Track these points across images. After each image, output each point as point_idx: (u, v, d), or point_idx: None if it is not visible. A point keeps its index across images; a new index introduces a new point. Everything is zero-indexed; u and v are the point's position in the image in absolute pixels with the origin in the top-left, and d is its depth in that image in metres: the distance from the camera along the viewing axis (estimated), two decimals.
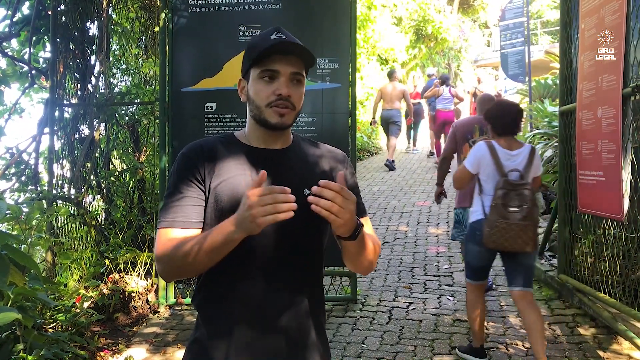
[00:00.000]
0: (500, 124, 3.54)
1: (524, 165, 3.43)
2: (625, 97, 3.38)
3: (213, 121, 4.63)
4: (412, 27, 19.56)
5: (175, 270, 1.45)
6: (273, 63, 1.48)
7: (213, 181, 1.48)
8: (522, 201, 3.33)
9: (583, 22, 3.97)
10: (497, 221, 3.34)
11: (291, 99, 1.49)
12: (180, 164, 1.52)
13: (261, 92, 1.49)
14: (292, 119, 1.52)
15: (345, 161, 1.65)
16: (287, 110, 1.49)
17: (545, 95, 11.22)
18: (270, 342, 1.46)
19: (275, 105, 1.48)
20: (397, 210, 8.38)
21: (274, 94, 1.48)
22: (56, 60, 5.16)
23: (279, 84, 1.48)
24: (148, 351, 4.00)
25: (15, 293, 2.60)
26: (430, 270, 5.64)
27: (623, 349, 3.70)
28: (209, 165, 1.50)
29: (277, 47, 1.47)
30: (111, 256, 4.80)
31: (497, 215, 3.35)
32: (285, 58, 1.49)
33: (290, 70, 1.49)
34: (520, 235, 3.31)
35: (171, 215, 1.46)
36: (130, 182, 5.70)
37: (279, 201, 1.26)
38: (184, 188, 1.48)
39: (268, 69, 1.49)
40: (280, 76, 1.48)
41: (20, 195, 5.16)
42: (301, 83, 1.53)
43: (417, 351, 3.86)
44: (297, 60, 1.51)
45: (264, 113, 1.49)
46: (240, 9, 4.61)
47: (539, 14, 26.70)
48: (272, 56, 1.48)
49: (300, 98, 1.53)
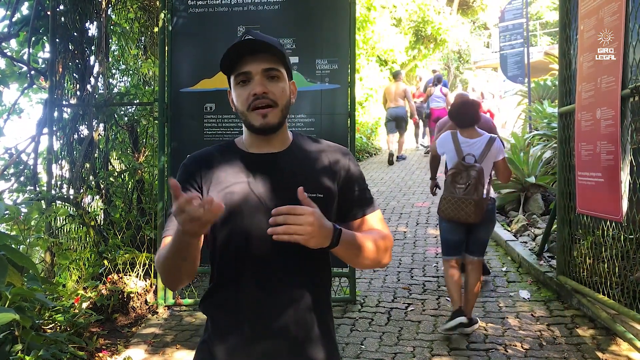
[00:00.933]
0: (460, 119, 4.17)
1: (480, 152, 4.02)
2: (624, 98, 3.38)
3: (212, 122, 4.62)
4: (411, 28, 19.59)
5: (165, 276, 1.47)
6: (244, 65, 1.49)
7: (211, 191, 1.50)
8: (468, 180, 3.95)
9: (582, 24, 3.97)
10: (447, 195, 4.05)
11: (270, 96, 1.48)
12: (180, 175, 1.55)
13: (240, 97, 1.50)
14: (277, 117, 1.50)
15: (347, 154, 1.63)
16: (269, 110, 1.48)
17: (545, 96, 11.25)
18: (276, 345, 1.46)
19: (254, 107, 1.47)
20: (396, 211, 8.38)
21: (250, 95, 1.47)
22: (55, 60, 5.16)
23: (253, 84, 1.48)
24: (147, 352, 3.99)
25: (13, 293, 2.59)
26: (429, 271, 5.64)
27: (622, 350, 3.70)
28: (207, 175, 1.52)
29: (237, 48, 1.47)
30: (110, 257, 4.80)
31: (447, 191, 4.06)
32: (255, 58, 1.48)
33: (261, 68, 1.48)
34: (462, 208, 3.94)
35: (170, 225, 1.48)
36: (129, 182, 5.70)
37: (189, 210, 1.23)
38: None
39: (240, 72, 1.49)
40: (253, 76, 1.48)
41: (19, 195, 5.16)
42: (279, 79, 1.51)
43: (415, 352, 3.86)
44: (269, 57, 1.49)
45: (247, 117, 1.50)
46: (240, 9, 4.61)
47: (538, 15, 26.74)
48: (242, 59, 1.49)
49: (281, 93, 1.50)
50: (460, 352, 3.82)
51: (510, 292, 4.92)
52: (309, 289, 1.52)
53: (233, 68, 1.51)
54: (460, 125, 4.16)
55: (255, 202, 1.48)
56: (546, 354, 3.70)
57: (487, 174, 4.04)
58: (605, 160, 3.59)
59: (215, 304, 1.52)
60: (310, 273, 1.53)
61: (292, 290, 1.49)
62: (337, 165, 1.58)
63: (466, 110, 4.17)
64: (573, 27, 4.36)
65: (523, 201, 7.16)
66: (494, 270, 5.52)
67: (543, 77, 12.54)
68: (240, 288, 1.48)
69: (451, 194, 4.01)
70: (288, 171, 1.53)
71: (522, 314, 4.42)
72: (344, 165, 1.60)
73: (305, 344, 1.50)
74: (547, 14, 26.88)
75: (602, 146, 3.62)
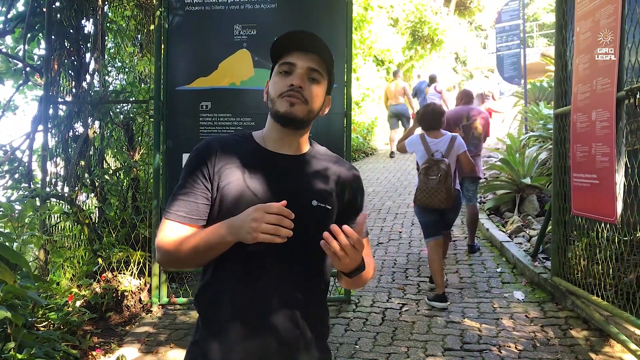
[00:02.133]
0: (426, 124, 4.99)
1: (445, 148, 4.85)
2: (619, 100, 3.39)
3: (208, 120, 4.61)
4: (408, 29, 19.61)
5: (170, 261, 1.50)
6: (291, 57, 1.51)
7: (222, 180, 1.49)
8: (439, 172, 4.71)
9: (578, 25, 3.98)
10: (422, 186, 4.79)
11: (304, 92, 1.49)
12: (192, 159, 1.54)
13: (276, 84, 1.52)
14: (303, 112, 1.50)
15: (359, 183, 1.65)
16: (298, 101, 1.48)
17: (541, 97, 11.27)
18: (269, 346, 1.46)
19: (286, 95, 1.48)
20: (392, 211, 8.38)
21: (287, 85, 1.49)
22: (51, 57, 5.13)
23: (294, 76, 1.49)
24: (140, 351, 3.98)
25: (5, 291, 2.58)
26: (424, 271, 5.64)
27: (615, 351, 3.70)
28: (219, 164, 1.51)
29: (292, 37, 1.50)
30: (104, 255, 4.78)
31: (421, 182, 4.80)
32: (305, 55, 1.51)
33: (307, 65, 1.50)
34: (435, 196, 4.72)
35: (175, 208, 1.49)
36: (124, 180, 5.68)
37: (283, 225, 1.30)
38: (191, 183, 1.50)
39: (286, 62, 1.51)
40: (297, 69, 1.50)
41: (13, 192, 5.14)
42: (318, 82, 1.53)
43: (409, 352, 3.86)
44: (318, 60, 1.52)
45: (275, 104, 1.51)
46: (236, 8, 4.60)
47: (535, 17, 26.82)
48: (292, 52, 1.51)
49: (315, 96, 1.52)
50: (454, 353, 3.82)
51: (505, 293, 4.93)
52: (309, 294, 1.52)
53: (281, 56, 1.53)
54: (427, 129, 4.98)
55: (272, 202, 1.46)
56: (540, 355, 3.71)
57: (453, 164, 4.84)
58: (600, 162, 3.59)
59: (210, 302, 1.51)
60: (311, 277, 1.54)
61: (293, 293, 1.48)
62: (347, 184, 1.60)
63: (433, 117, 4.97)
64: (569, 28, 4.37)
65: (518, 202, 7.17)
66: (489, 271, 5.53)
67: (539, 79, 12.56)
68: (240, 286, 1.47)
69: (425, 184, 4.76)
70: (301, 176, 1.54)
71: (516, 315, 4.43)
72: (351, 180, 1.62)
73: (299, 345, 1.49)
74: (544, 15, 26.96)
75: (597, 148, 3.63)
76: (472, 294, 4.94)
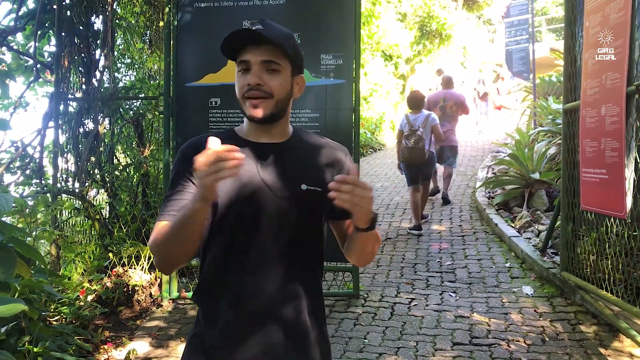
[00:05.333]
0: (412, 105, 7.11)
1: (421, 122, 6.81)
2: (629, 95, 3.38)
3: (217, 116, 4.64)
4: (416, 23, 19.53)
5: (162, 258, 1.47)
6: (245, 54, 1.48)
7: None
8: (415, 137, 6.67)
9: (588, 20, 3.96)
10: (404, 147, 6.76)
11: (264, 88, 1.47)
12: (178, 160, 1.55)
13: (238, 84, 1.51)
14: (269, 108, 1.49)
15: (346, 155, 1.65)
16: (260, 101, 1.47)
17: (550, 92, 11.21)
18: (268, 337, 1.47)
19: (248, 97, 1.48)
20: (400, 206, 8.39)
21: (244, 85, 1.48)
22: (61, 54, 5.17)
23: (250, 73, 1.48)
24: (151, 345, 4.02)
25: (22, 285, 2.62)
26: (433, 266, 5.65)
27: (625, 346, 3.71)
28: None
29: (235, 36, 1.47)
30: (115, 250, 4.83)
31: (403, 145, 6.77)
32: (258, 48, 1.47)
33: (260, 59, 1.47)
34: (412, 153, 6.69)
35: (165, 209, 1.49)
36: (134, 176, 5.72)
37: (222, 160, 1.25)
38: (179, 183, 1.51)
39: (241, 60, 1.50)
40: (252, 65, 1.48)
41: (25, 188, 5.18)
42: (278, 72, 1.49)
43: (418, 347, 3.88)
44: (271, 49, 1.48)
45: (242, 106, 1.51)
46: (245, 4, 4.62)
47: (544, 11, 26.65)
48: (246, 47, 1.48)
49: (278, 87, 1.49)
50: (463, 347, 3.84)
51: (514, 287, 4.93)
52: (305, 281, 1.54)
53: (237, 55, 1.51)
54: (411, 108, 7.11)
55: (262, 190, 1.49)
56: (549, 350, 3.72)
57: (428, 134, 6.83)
58: (609, 157, 3.59)
59: (209, 294, 1.53)
60: (307, 264, 1.56)
61: (290, 281, 1.50)
62: (335, 162, 1.60)
63: (415, 100, 7.12)
64: (578, 23, 4.35)
65: (527, 197, 7.15)
66: (498, 266, 5.53)
67: (548, 73, 12.50)
68: (237, 277, 1.49)
69: (406, 145, 6.72)
70: (286, 161, 1.54)
71: (525, 309, 4.44)
72: (342, 163, 1.61)
73: (301, 333, 1.52)
74: (553, 9, 26.78)
75: (606, 143, 3.62)
76: (481, 289, 4.95)
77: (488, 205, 7.62)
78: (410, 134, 6.71)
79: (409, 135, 6.70)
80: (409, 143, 6.67)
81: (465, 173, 10.70)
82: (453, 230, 6.98)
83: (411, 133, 6.70)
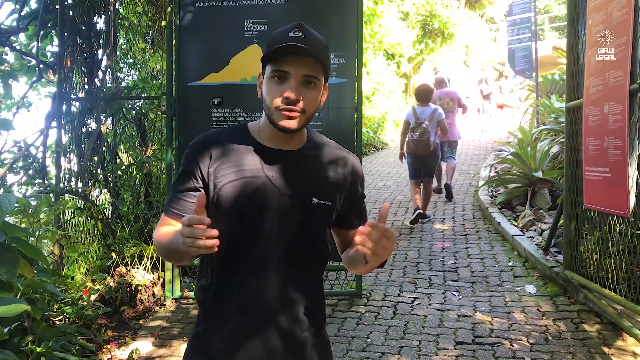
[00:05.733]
0: (420, 98, 7.32)
1: (428, 115, 7.08)
2: (632, 93, 3.36)
3: (219, 115, 4.64)
4: (418, 22, 19.51)
5: (164, 257, 1.53)
6: (285, 63, 1.42)
7: (218, 180, 1.48)
8: (420, 129, 6.97)
9: (590, 18, 3.95)
10: (410, 139, 7.08)
11: (301, 104, 1.43)
12: (187, 156, 1.53)
13: (271, 92, 1.44)
14: (301, 123, 1.46)
15: (358, 171, 1.63)
16: (296, 114, 1.43)
17: (552, 90, 11.19)
18: (269, 337, 1.48)
19: (284, 110, 1.43)
20: (403, 205, 8.38)
21: (283, 97, 1.42)
22: (64, 54, 5.18)
23: (289, 86, 1.42)
24: (154, 344, 4.03)
25: (24, 285, 2.62)
26: (436, 265, 5.65)
27: (628, 345, 3.70)
28: (215, 164, 1.49)
29: (289, 48, 1.40)
30: (118, 249, 4.83)
31: (409, 137, 7.10)
32: (299, 59, 1.42)
33: (302, 73, 1.42)
34: (418, 146, 6.98)
35: (170, 204, 1.51)
36: (137, 176, 5.73)
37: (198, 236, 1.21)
38: (184, 181, 1.50)
39: (279, 70, 1.43)
40: (291, 78, 1.42)
41: (28, 188, 5.20)
42: (315, 86, 1.46)
43: (421, 346, 3.87)
44: (312, 63, 1.43)
45: (273, 115, 1.45)
46: (247, 3, 4.61)
47: (546, 9, 26.58)
48: (286, 57, 1.42)
49: (312, 102, 1.46)
50: (466, 347, 3.83)
51: (517, 286, 4.92)
52: (307, 287, 1.54)
53: (274, 60, 1.44)
54: (419, 101, 7.32)
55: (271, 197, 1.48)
56: (552, 349, 3.71)
57: (433, 127, 7.09)
58: (612, 156, 3.58)
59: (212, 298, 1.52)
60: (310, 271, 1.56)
61: (292, 286, 1.50)
62: (345, 170, 1.59)
63: (424, 93, 7.32)
64: (581, 21, 4.34)
65: (530, 196, 7.14)
66: (501, 265, 5.53)
67: (551, 72, 12.47)
68: (239, 280, 1.49)
69: (412, 137, 7.03)
70: (301, 171, 1.53)
71: (528, 308, 4.43)
72: (350, 169, 1.60)
73: (301, 336, 1.52)
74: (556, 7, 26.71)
75: (609, 141, 3.61)
76: (484, 288, 4.94)
77: (491, 204, 7.62)
78: (416, 126, 7.00)
79: (415, 127, 7.00)
80: (414, 135, 6.98)
81: (468, 172, 10.69)
82: (456, 229, 6.97)
83: (417, 125, 6.99)
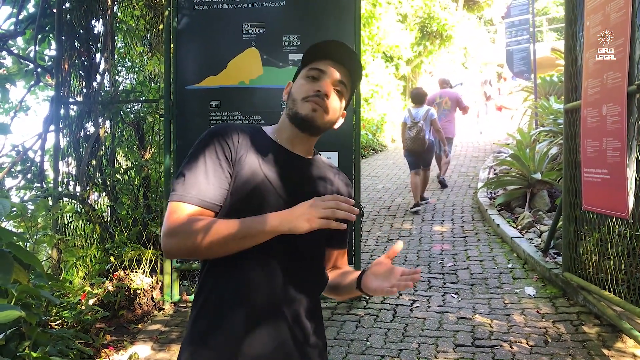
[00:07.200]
0: (413, 99, 8.22)
1: (422, 115, 7.95)
2: (630, 94, 3.36)
3: (217, 119, 4.63)
4: (417, 24, 19.51)
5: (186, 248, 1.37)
6: (323, 65, 1.53)
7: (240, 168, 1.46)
8: (416, 128, 7.80)
9: (588, 20, 3.95)
10: (406, 137, 7.91)
11: (327, 102, 1.50)
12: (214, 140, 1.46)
13: (302, 87, 1.52)
14: (322, 119, 1.50)
15: (348, 185, 1.69)
16: (320, 108, 1.49)
17: (551, 92, 11.20)
18: (270, 338, 1.47)
19: (312, 100, 1.49)
20: (402, 208, 8.38)
21: (314, 89, 1.49)
22: (61, 58, 5.18)
23: (322, 83, 1.50)
24: (153, 348, 4.02)
25: (19, 291, 2.61)
26: (435, 267, 5.64)
27: (627, 347, 3.69)
28: (241, 151, 1.47)
29: (330, 45, 1.51)
30: (116, 253, 4.82)
31: (406, 135, 7.93)
32: (336, 66, 1.53)
33: (337, 77, 1.52)
34: (414, 142, 7.83)
35: (187, 190, 1.41)
36: (135, 179, 5.72)
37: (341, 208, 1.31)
38: (213, 167, 1.43)
39: (316, 68, 1.52)
40: (326, 77, 1.51)
41: (26, 192, 5.19)
42: (341, 96, 1.55)
43: (421, 349, 3.86)
44: (346, 73, 1.54)
45: (297, 105, 1.50)
46: (245, 6, 4.61)
47: (544, 11, 26.63)
48: (325, 60, 1.53)
49: (334, 109, 1.53)
50: (466, 349, 3.82)
51: (516, 288, 4.91)
52: (307, 287, 1.54)
53: (313, 61, 1.54)
54: (414, 102, 8.22)
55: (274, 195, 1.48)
56: (552, 351, 3.70)
57: (427, 126, 7.96)
58: (611, 157, 3.57)
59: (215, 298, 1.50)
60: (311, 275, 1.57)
61: (293, 287, 1.50)
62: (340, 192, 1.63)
63: (417, 95, 8.20)
64: (579, 23, 4.34)
65: (529, 198, 7.14)
66: (500, 267, 5.52)
67: (549, 73, 12.47)
68: (243, 284, 1.47)
69: (409, 135, 7.86)
70: (311, 179, 1.56)
71: (527, 310, 4.42)
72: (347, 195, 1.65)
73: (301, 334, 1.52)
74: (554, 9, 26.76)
75: (608, 143, 3.61)
76: (483, 290, 4.94)
77: (490, 206, 7.61)
78: (412, 125, 7.85)
79: (411, 126, 7.85)
80: (411, 133, 7.81)
81: (467, 174, 10.69)
82: (455, 232, 6.97)
83: (413, 125, 7.83)
